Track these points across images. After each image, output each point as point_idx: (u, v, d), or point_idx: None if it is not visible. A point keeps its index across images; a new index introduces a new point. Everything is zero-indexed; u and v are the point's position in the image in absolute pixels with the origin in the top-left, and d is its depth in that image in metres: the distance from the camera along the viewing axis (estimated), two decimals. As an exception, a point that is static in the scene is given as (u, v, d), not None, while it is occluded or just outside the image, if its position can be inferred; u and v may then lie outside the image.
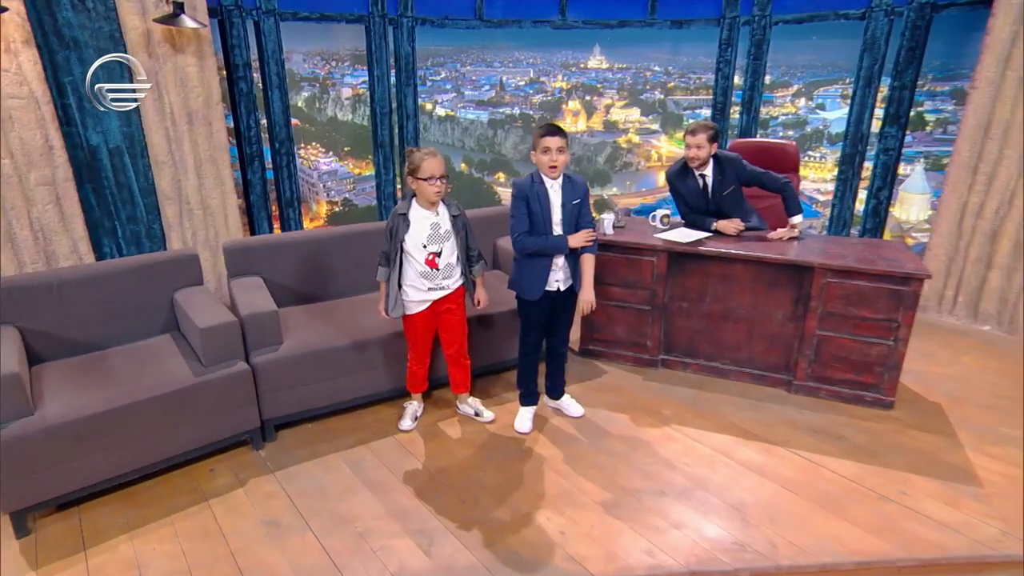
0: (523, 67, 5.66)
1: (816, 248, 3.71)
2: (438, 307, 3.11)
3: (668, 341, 3.94)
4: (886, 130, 4.73)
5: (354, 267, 3.81)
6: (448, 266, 3.01)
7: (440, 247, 2.97)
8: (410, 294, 3.05)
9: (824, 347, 3.55)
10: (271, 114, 4.75)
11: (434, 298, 3.07)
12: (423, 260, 2.96)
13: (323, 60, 5.09)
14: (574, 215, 2.99)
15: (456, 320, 3.18)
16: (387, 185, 5.45)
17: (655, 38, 5.47)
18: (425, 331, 3.20)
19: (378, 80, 5.18)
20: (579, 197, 2.97)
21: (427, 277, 3.00)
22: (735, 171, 3.79)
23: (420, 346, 3.24)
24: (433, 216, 2.96)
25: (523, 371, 3.31)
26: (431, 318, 3.15)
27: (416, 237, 2.94)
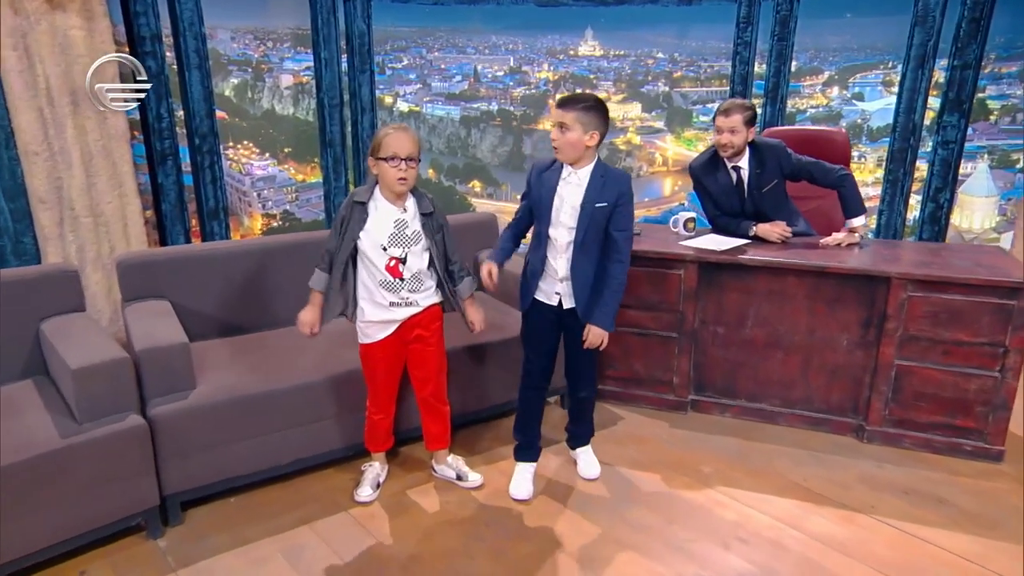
0: (501, 54, 5.27)
1: (889, 254, 3.32)
2: (405, 334, 2.65)
3: (700, 377, 3.50)
4: (944, 119, 4.38)
5: (298, 287, 3.24)
6: (416, 277, 2.57)
7: (405, 252, 2.53)
8: (367, 312, 2.59)
9: (905, 381, 3.14)
10: (189, 102, 4.22)
11: (399, 318, 2.61)
12: (383, 266, 2.52)
13: (257, 39, 4.65)
14: (598, 227, 2.53)
15: (430, 352, 2.71)
16: (338, 194, 4.94)
17: (658, 19, 5.13)
18: (389, 367, 2.71)
19: (326, 65, 4.73)
20: (609, 201, 2.51)
21: (389, 288, 2.55)
22: (778, 162, 3.37)
23: (383, 388, 2.75)
24: (398, 212, 2.53)
25: (520, 413, 2.90)
26: (396, 349, 2.67)
27: (374, 235, 2.51)
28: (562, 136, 2.47)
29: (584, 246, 2.54)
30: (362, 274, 2.57)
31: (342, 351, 2.97)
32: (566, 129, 2.45)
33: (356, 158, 5.00)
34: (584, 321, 2.59)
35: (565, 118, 2.45)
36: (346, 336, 2.92)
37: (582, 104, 2.45)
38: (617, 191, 2.52)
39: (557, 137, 2.48)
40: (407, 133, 2.46)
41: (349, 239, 2.51)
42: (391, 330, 2.62)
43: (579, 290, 2.60)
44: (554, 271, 2.62)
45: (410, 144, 2.44)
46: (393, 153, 2.41)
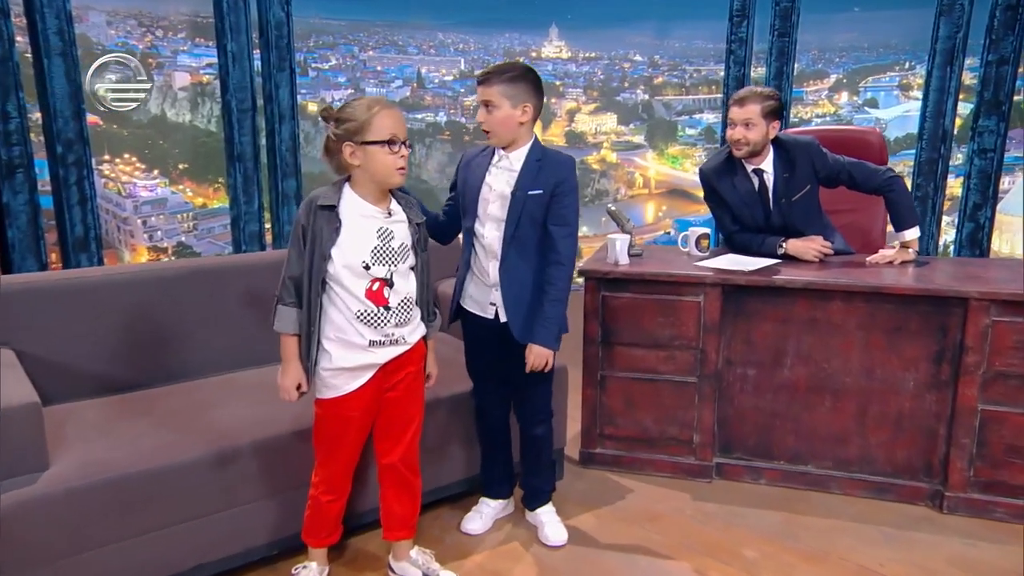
0: (450, 55, 5.04)
1: (958, 271, 3.04)
2: (384, 381, 2.26)
3: (727, 434, 3.14)
4: (981, 124, 4.25)
5: (207, 329, 2.95)
6: (405, 304, 2.22)
7: (391, 271, 2.17)
8: (335, 356, 2.18)
9: (993, 431, 2.81)
10: (48, 99, 3.90)
11: (381, 361, 2.23)
12: (362, 291, 2.14)
13: (142, 27, 4.37)
14: (532, 220, 2.44)
15: (412, 401, 2.35)
16: (249, 221, 4.55)
17: (636, 14, 4.97)
18: (360, 429, 2.31)
19: (234, 61, 4.46)
20: (545, 188, 2.43)
21: (370, 321, 2.17)
22: (811, 163, 3.12)
23: (344, 459, 2.32)
24: (382, 216, 2.17)
25: (482, 451, 2.83)
26: (371, 403, 2.27)
27: (351, 252, 2.12)
28: (490, 116, 2.39)
29: (517, 243, 2.42)
30: (329, 309, 2.18)
31: (266, 408, 2.51)
32: (492, 107, 2.37)
33: (274, 176, 4.58)
34: (522, 340, 2.47)
35: (489, 95, 2.37)
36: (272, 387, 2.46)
37: (507, 74, 2.37)
38: (556, 177, 2.43)
39: (484, 118, 2.40)
40: (397, 109, 2.19)
41: (320, 258, 2.10)
42: (367, 377, 2.21)
43: (511, 300, 2.47)
44: (484, 275, 2.50)
45: (403, 122, 2.17)
46: (391, 134, 2.08)
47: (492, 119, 2.38)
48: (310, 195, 2.19)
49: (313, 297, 2.13)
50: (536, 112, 2.42)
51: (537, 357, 2.45)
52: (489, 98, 2.36)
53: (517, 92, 2.35)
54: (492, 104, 2.36)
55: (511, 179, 2.42)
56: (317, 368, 2.20)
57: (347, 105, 2.15)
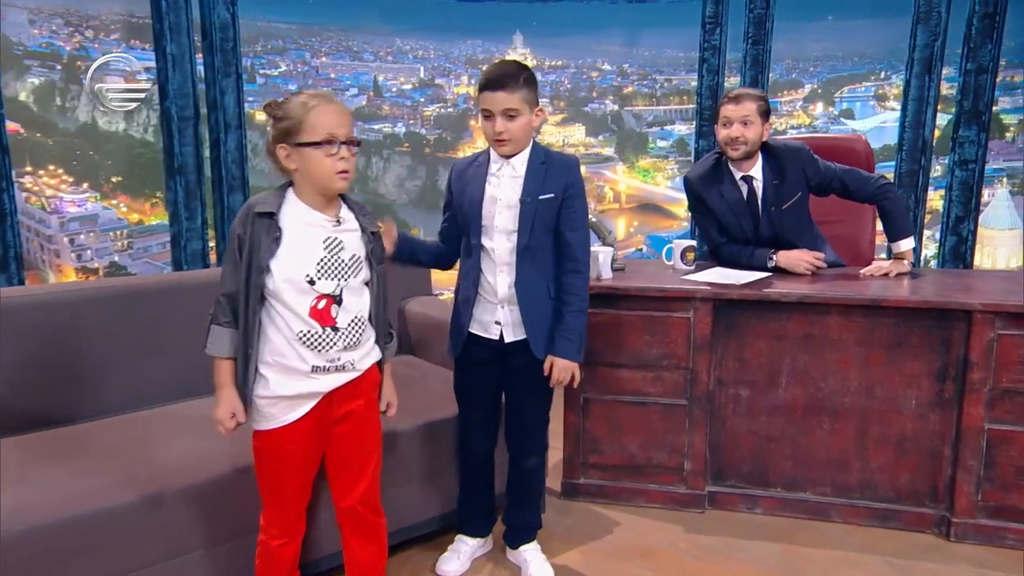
0: (409, 62, 4.84)
1: (957, 283, 3.00)
2: (329, 412, 2.05)
3: (719, 460, 3.03)
4: (961, 134, 4.22)
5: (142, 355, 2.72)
6: (356, 325, 2.01)
7: (340, 286, 1.97)
8: (272, 383, 1.97)
9: (1002, 452, 2.73)
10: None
11: (324, 390, 2.01)
12: (306, 309, 1.93)
13: (69, 26, 4.05)
14: (546, 226, 2.35)
15: (367, 436, 2.15)
16: (192, 240, 4.30)
17: (604, 20, 4.84)
18: (303, 464, 2.09)
19: (174, 65, 4.21)
20: (556, 191, 2.34)
21: (314, 344, 1.96)
22: (801, 170, 3.08)
23: (291, 498, 2.10)
24: (329, 225, 1.98)
25: (461, 483, 2.68)
26: (315, 437, 2.06)
27: (293, 264, 1.93)
28: (511, 125, 2.26)
29: (531, 253, 2.33)
30: (268, 329, 1.97)
31: (209, 444, 2.28)
32: (516, 115, 2.26)
33: (219, 190, 4.32)
34: (542, 356, 2.38)
35: (512, 102, 2.24)
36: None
37: (522, 77, 2.25)
38: (566, 179, 2.35)
39: (505, 128, 2.25)
40: (340, 104, 1.97)
41: (257, 271, 1.90)
42: (308, 407, 2.00)
43: (530, 313, 2.36)
44: (492, 292, 2.38)
45: (346, 118, 1.96)
46: (329, 134, 1.88)
47: (514, 128, 2.25)
48: (248, 201, 1.99)
49: (250, 316, 1.92)
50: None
51: (562, 371, 2.37)
52: (512, 106, 2.23)
53: (532, 96, 2.27)
54: (515, 112, 2.24)
55: (517, 186, 2.32)
56: (253, 396, 1.98)
57: (286, 100, 1.95)
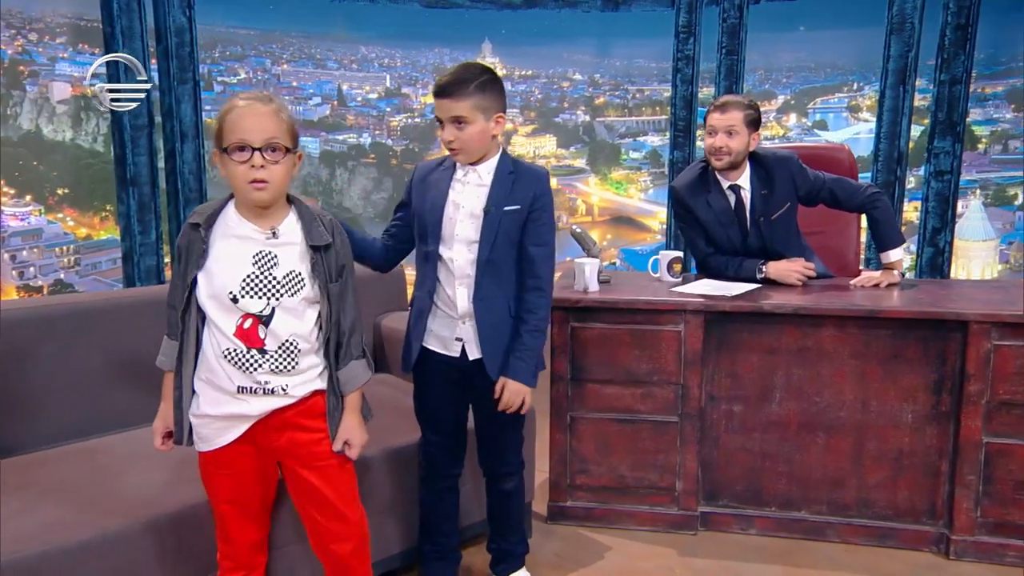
0: (375, 70, 4.79)
1: (950, 293, 2.97)
2: (267, 439, 1.92)
3: (711, 479, 2.94)
4: (936, 145, 4.28)
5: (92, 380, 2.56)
6: (288, 348, 1.86)
7: (270, 306, 1.83)
8: (204, 401, 1.88)
9: (999, 466, 2.69)
10: None
11: (253, 414, 1.88)
12: (231, 327, 1.82)
13: (11, 28, 4.00)
14: (509, 239, 2.25)
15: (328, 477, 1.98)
16: (145, 254, 4.18)
17: (575, 29, 4.84)
18: (246, 493, 1.98)
19: (126, 72, 4.07)
20: (523, 203, 2.24)
21: (238, 363, 1.84)
22: (791, 179, 3.03)
23: (235, 527, 1.99)
24: (262, 238, 1.83)
25: (424, 515, 2.53)
26: (254, 463, 1.95)
27: (218, 278, 1.83)
28: (461, 133, 2.15)
29: (493, 267, 2.22)
30: (203, 340, 1.86)
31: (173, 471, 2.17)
32: (465, 123, 2.14)
33: (174, 203, 4.19)
34: (495, 377, 2.26)
35: (460, 109, 2.13)
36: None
37: (477, 82, 2.13)
38: (533, 190, 2.25)
39: (455, 136, 2.15)
40: (262, 104, 1.78)
41: (184, 284, 1.82)
42: (239, 431, 1.87)
43: (487, 331, 2.25)
44: (451, 306, 2.27)
45: (266, 121, 1.76)
46: (240, 139, 1.73)
47: (464, 136, 2.14)
48: (195, 210, 1.88)
49: (186, 329, 1.83)
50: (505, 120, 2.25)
51: (513, 395, 2.23)
52: (460, 113, 2.13)
53: (490, 102, 2.15)
54: (464, 120, 2.13)
55: (482, 195, 2.21)
56: (187, 414, 1.88)
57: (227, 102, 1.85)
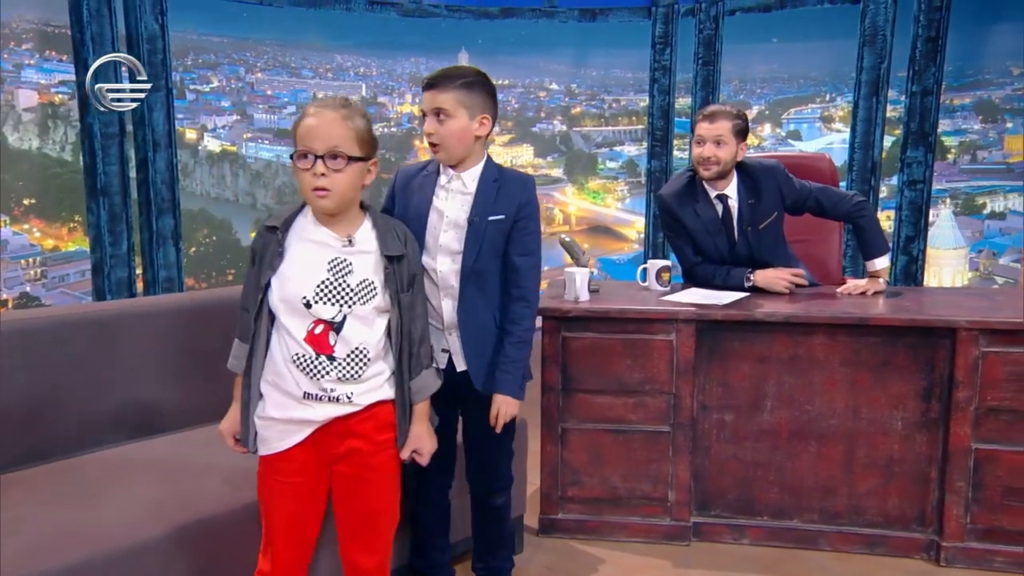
0: (350, 79, 4.72)
1: (938, 300, 3.02)
2: (329, 446, 1.89)
3: (703, 489, 2.92)
4: (908, 155, 4.32)
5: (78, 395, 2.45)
6: (358, 356, 1.84)
7: (343, 313, 1.81)
8: (270, 404, 1.86)
9: (988, 473, 2.70)
10: None
11: (319, 419, 1.85)
12: (302, 332, 1.81)
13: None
14: (494, 249, 2.21)
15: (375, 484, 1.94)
16: (116, 266, 4.05)
17: (552, 39, 4.83)
18: (298, 503, 1.92)
19: (97, 80, 3.95)
20: (508, 213, 2.20)
21: (307, 369, 1.82)
22: (777, 189, 3.05)
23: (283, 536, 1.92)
24: (338, 245, 1.84)
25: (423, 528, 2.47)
26: (314, 471, 1.90)
27: (292, 283, 1.82)
28: (442, 127, 2.12)
29: (476, 277, 2.18)
30: (272, 344, 1.85)
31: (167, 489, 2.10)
32: (446, 116, 2.11)
33: (146, 214, 4.06)
34: (481, 388, 2.23)
35: (441, 101, 2.11)
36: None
37: (463, 79, 2.13)
38: (519, 199, 2.22)
39: (435, 129, 2.12)
40: (331, 110, 1.78)
41: (258, 287, 1.82)
42: (301, 436, 1.84)
43: (472, 344, 2.22)
44: (436, 318, 2.23)
45: (332, 128, 1.76)
46: (303, 147, 1.75)
47: (444, 131, 2.11)
48: (273, 214, 1.88)
49: (257, 332, 1.82)
50: (492, 125, 2.20)
51: (506, 409, 2.20)
52: (442, 105, 2.10)
53: (475, 101, 2.12)
54: (445, 112, 2.10)
55: (466, 203, 2.18)
56: (252, 417, 1.86)
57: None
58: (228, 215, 4.46)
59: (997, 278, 4.43)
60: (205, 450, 2.35)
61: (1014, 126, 4.35)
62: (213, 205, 4.40)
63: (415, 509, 2.41)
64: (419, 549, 2.45)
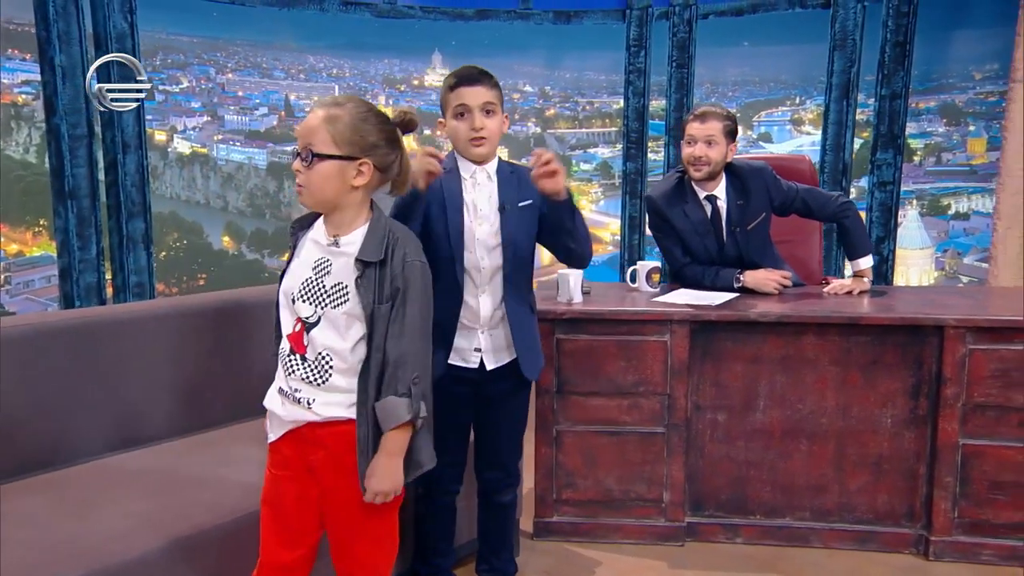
0: (323, 80, 4.61)
1: (921, 300, 3.05)
2: (305, 452, 1.80)
3: (697, 489, 2.93)
4: (878, 157, 4.38)
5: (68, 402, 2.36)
6: (322, 362, 1.75)
7: (316, 312, 1.75)
8: (269, 394, 1.87)
9: (975, 467, 2.74)
10: None
11: (286, 419, 1.80)
12: (289, 328, 1.81)
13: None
14: (530, 236, 2.26)
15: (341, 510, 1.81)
16: (85, 272, 3.87)
17: (525, 41, 4.79)
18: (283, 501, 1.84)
19: (64, 78, 3.79)
20: (534, 198, 2.22)
21: (284, 364, 1.81)
22: (766, 190, 3.07)
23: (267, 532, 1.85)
24: (324, 242, 1.80)
25: (423, 536, 2.44)
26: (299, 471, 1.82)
27: (289, 278, 1.83)
28: (489, 121, 2.16)
29: (516, 268, 2.22)
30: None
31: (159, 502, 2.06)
32: (493, 113, 2.17)
33: (116, 217, 3.92)
34: (534, 377, 2.33)
35: (492, 96, 2.16)
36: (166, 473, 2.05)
37: (494, 79, 2.21)
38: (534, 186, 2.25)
39: (484, 123, 2.15)
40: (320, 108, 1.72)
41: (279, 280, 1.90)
42: (282, 431, 1.82)
43: (519, 331, 2.24)
44: (473, 316, 2.22)
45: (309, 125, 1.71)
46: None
47: (492, 126, 2.15)
48: None
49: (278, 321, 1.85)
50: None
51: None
52: (492, 100, 2.15)
53: (502, 99, 2.23)
54: (493, 109, 2.16)
55: (492, 192, 2.20)
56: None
57: None
58: (199, 218, 4.33)
59: (962, 277, 4.52)
60: (192, 460, 2.31)
61: (976, 129, 4.44)
62: (183, 208, 4.27)
63: (421, 514, 2.40)
64: (423, 554, 2.42)
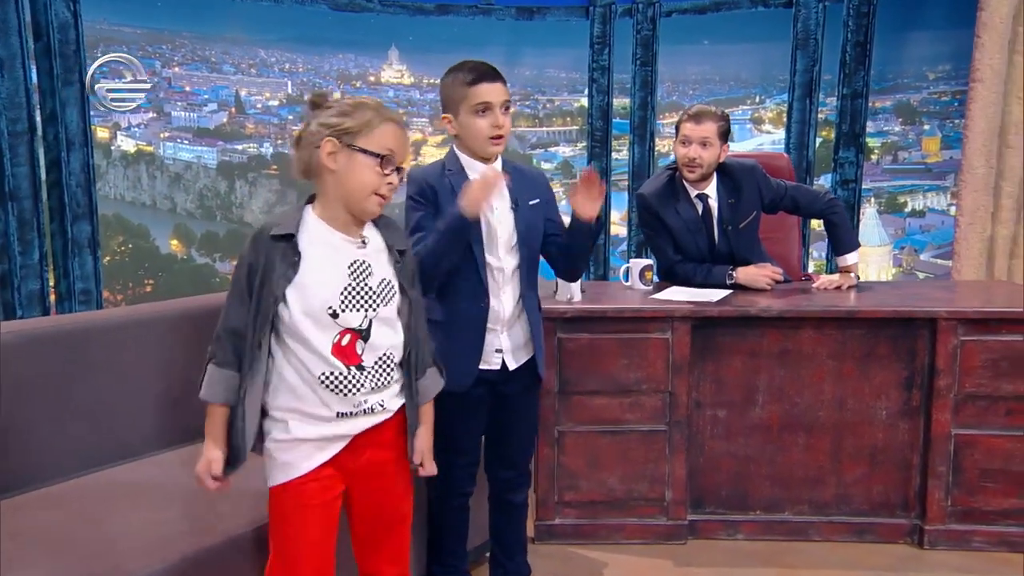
0: (275, 75, 4.52)
1: (909, 293, 3.17)
2: (349, 460, 1.79)
3: (697, 486, 2.98)
4: (841, 155, 4.54)
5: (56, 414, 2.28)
6: (384, 363, 1.78)
7: (368, 318, 1.74)
8: (294, 427, 1.73)
9: (966, 456, 2.86)
10: None
11: (354, 433, 1.78)
12: (328, 347, 1.71)
13: None
14: (538, 236, 2.32)
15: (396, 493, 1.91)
16: (27, 278, 3.74)
17: (484, 37, 4.79)
18: (325, 524, 1.80)
19: (2, 71, 3.65)
20: (540, 197, 2.33)
21: (338, 387, 1.72)
22: (756, 188, 3.16)
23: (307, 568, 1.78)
24: (354, 246, 1.78)
25: (438, 538, 2.45)
26: (335, 490, 1.81)
27: (314, 292, 1.71)
28: (507, 121, 2.21)
29: (530, 267, 2.31)
30: (284, 370, 1.72)
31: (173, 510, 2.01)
32: (508, 111, 2.22)
33: (58, 220, 3.74)
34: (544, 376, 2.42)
35: (508, 94, 2.21)
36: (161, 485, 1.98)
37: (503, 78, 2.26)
38: (542, 183, 2.41)
39: (504, 123, 2.19)
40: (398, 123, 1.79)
41: (270, 302, 1.67)
42: (333, 452, 1.75)
43: (536, 330, 2.32)
44: (495, 317, 2.24)
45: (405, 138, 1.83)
46: (388, 148, 1.71)
47: (509, 124, 2.21)
48: (260, 225, 1.75)
49: (260, 355, 1.68)
50: None
51: None
52: (508, 98, 2.20)
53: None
54: (510, 106, 2.21)
55: (504, 191, 2.23)
56: (267, 442, 1.74)
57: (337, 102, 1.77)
58: (145, 220, 4.16)
59: (919, 273, 4.72)
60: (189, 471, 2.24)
61: (931, 128, 4.65)
62: (128, 210, 4.11)
63: (436, 515, 2.42)
64: (438, 556, 2.44)
